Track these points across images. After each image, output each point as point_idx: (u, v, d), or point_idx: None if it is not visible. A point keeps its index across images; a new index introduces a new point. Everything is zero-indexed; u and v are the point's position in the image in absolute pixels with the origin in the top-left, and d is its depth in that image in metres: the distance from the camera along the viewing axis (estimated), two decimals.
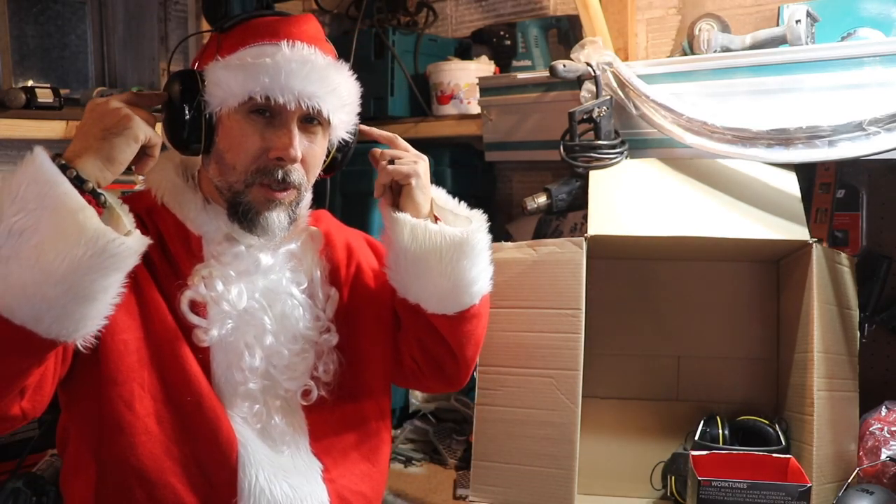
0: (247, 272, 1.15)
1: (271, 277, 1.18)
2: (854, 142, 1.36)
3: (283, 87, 1.09)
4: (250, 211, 1.14)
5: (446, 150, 2.14)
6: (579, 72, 1.60)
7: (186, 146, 1.14)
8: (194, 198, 1.18)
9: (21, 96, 1.73)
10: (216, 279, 1.13)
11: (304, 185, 1.18)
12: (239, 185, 1.14)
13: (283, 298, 1.18)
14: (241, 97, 1.10)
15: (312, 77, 1.12)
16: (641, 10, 1.90)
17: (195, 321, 1.11)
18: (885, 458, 1.36)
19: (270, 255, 1.18)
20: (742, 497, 1.24)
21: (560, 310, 1.43)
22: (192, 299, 1.12)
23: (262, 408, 1.16)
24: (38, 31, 2.09)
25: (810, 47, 1.50)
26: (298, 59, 1.11)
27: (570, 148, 1.59)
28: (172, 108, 1.13)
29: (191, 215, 1.17)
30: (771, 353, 1.57)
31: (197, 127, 1.13)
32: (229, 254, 1.15)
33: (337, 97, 1.16)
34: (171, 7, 2.19)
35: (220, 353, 1.13)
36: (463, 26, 2.30)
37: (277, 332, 1.16)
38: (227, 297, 1.12)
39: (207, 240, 1.17)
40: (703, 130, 1.49)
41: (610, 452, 1.57)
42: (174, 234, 1.16)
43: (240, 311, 1.13)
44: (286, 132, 1.12)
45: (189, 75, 1.15)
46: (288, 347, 1.17)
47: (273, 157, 1.12)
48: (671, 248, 1.55)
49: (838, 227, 1.65)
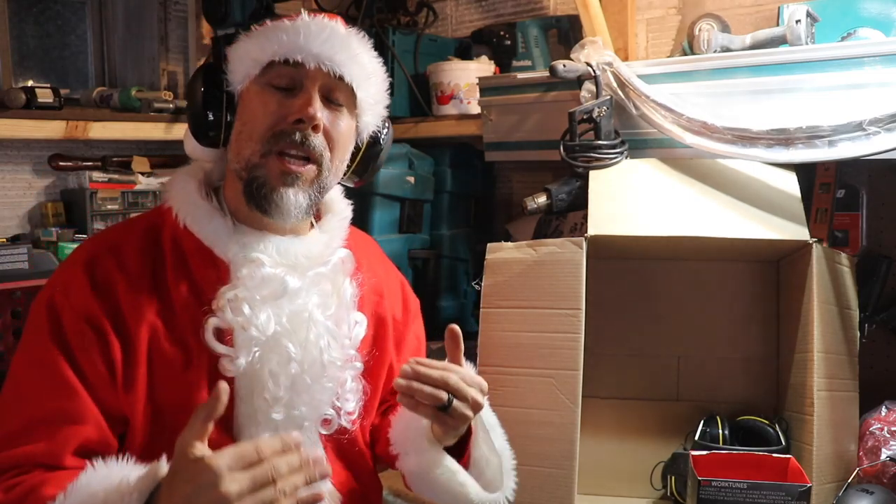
0: (273, 295, 1.08)
1: (297, 302, 1.10)
2: (854, 142, 1.36)
3: (303, 47, 1.07)
4: (265, 186, 1.08)
5: (446, 150, 2.14)
6: (579, 72, 1.60)
7: (210, 136, 1.12)
8: (223, 221, 1.11)
9: (21, 96, 1.74)
10: (243, 303, 1.06)
11: (327, 160, 1.11)
12: (255, 158, 1.08)
13: (309, 325, 1.11)
14: (262, 62, 1.09)
15: (333, 41, 1.09)
16: (641, 10, 1.90)
17: (222, 350, 1.05)
18: (885, 457, 1.36)
19: (298, 277, 1.11)
20: (742, 497, 1.24)
21: (560, 310, 1.43)
22: (218, 326, 1.05)
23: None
24: (38, 31, 2.09)
25: (810, 47, 1.50)
26: (318, 23, 1.10)
27: (570, 148, 1.59)
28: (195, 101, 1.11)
29: (219, 241, 1.10)
30: (771, 353, 1.57)
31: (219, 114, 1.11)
32: (256, 277, 1.08)
33: (359, 66, 1.11)
34: (171, 7, 2.19)
35: (245, 382, 1.07)
36: (463, 26, 2.31)
37: (302, 359, 1.09)
38: (255, 322, 1.05)
39: (235, 263, 1.09)
40: (703, 130, 1.49)
41: (610, 452, 1.57)
42: (200, 260, 1.10)
43: (268, 337, 1.06)
44: (305, 97, 1.08)
45: (213, 65, 1.13)
46: (311, 375, 1.10)
47: (291, 121, 1.07)
48: (671, 248, 1.55)
49: (838, 227, 1.65)
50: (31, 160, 2.01)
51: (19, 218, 2.01)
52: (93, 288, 1.05)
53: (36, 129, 1.78)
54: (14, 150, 1.98)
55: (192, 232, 1.10)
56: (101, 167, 2.07)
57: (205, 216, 1.11)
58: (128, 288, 1.06)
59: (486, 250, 1.53)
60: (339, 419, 1.15)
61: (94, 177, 2.02)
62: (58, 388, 1.02)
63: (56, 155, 2.02)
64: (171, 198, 1.13)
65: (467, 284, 2.12)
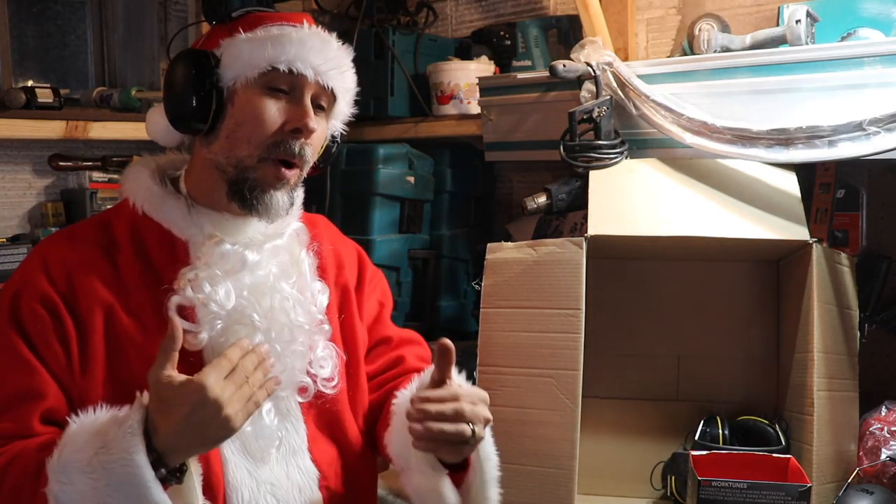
0: (233, 270, 1.14)
1: (258, 273, 1.16)
2: (854, 142, 1.36)
3: (305, 59, 1.13)
4: (256, 188, 1.13)
5: (446, 150, 2.14)
6: (579, 72, 1.60)
7: (191, 125, 1.14)
8: (177, 203, 1.17)
9: (21, 96, 1.74)
10: (203, 281, 1.11)
11: (308, 164, 1.18)
12: (251, 161, 1.13)
13: (272, 293, 1.16)
14: (264, 67, 1.12)
15: (330, 56, 1.16)
16: (641, 10, 1.90)
17: (185, 326, 1.08)
18: (885, 458, 1.36)
19: (256, 251, 1.17)
20: (742, 497, 1.24)
21: (560, 310, 1.43)
22: (180, 304, 1.09)
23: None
24: (38, 31, 2.09)
25: (810, 47, 1.50)
26: (319, 37, 1.17)
27: (570, 148, 1.59)
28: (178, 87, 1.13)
29: (176, 220, 1.16)
30: (771, 353, 1.57)
31: (206, 103, 1.13)
32: (215, 254, 1.13)
33: (344, 81, 1.20)
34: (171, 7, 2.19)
35: (212, 356, 1.10)
36: (463, 26, 2.31)
37: (268, 328, 1.14)
38: (214, 297, 1.10)
39: (193, 243, 1.15)
40: (703, 130, 1.49)
41: (610, 452, 1.57)
42: (158, 242, 1.15)
43: (228, 310, 1.11)
44: (302, 106, 1.14)
45: (198, 52, 1.15)
46: (280, 342, 1.14)
47: (289, 130, 1.13)
48: (671, 248, 1.55)
49: (838, 227, 1.65)
50: (30, 160, 2.01)
51: (19, 218, 2.01)
52: (47, 274, 1.10)
53: (36, 129, 1.78)
54: (14, 150, 1.98)
55: (150, 217, 1.16)
56: (101, 167, 2.07)
57: (161, 201, 1.17)
58: (81, 273, 1.11)
59: (486, 250, 1.53)
60: (317, 385, 1.18)
61: (94, 177, 2.02)
62: (18, 369, 1.07)
63: (56, 155, 2.02)
64: (127, 189, 1.19)
65: (467, 284, 2.12)
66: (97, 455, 0.95)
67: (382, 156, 1.98)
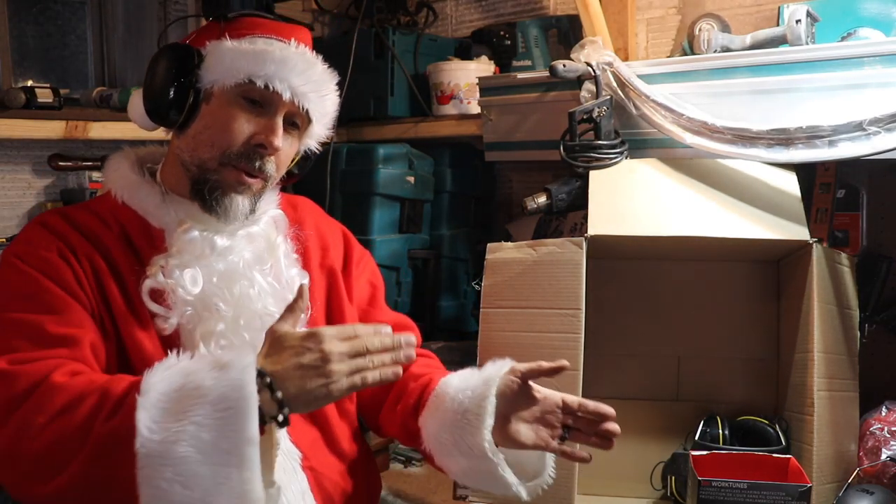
0: (203, 255, 1.16)
1: (230, 259, 1.17)
2: (854, 142, 1.36)
3: (284, 79, 1.14)
4: (217, 190, 1.16)
5: (446, 150, 2.14)
6: (579, 72, 1.60)
7: (166, 117, 1.16)
8: (151, 191, 1.19)
9: (21, 96, 1.73)
10: (173, 267, 1.13)
11: (273, 178, 1.20)
12: (212, 164, 1.16)
13: (242, 281, 1.17)
14: (242, 78, 1.14)
15: (312, 79, 1.18)
16: (641, 10, 1.90)
17: (155, 309, 1.12)
18: (885, 458, 1.36)
19: (227, 237, 1.19)
20: (742, 497, 1.24)
21: (560, 310, 1.43)
22: (153, 288, 1.12)
23: None
24: (38, 31, 2.09)
25: (810, 47, 1.50)
26: (304, 59, 1.18)
27: (570, 148, 1.59)
28: (161, 77, 1.15)
29: (150, 209, 1.18)
30: (771, 353, 1.57)
31: (182, 99, 1.15)
32: (184, 239, 1.15)
33: (323, 105, 1.22)
34: (171, 7, 2.19)
35: (186, 342, 1.13)
36: (463, 26, 2.31)
37: (236, 316, 1.15)
38: (182, 283, 1.12)
39: (168, 231, 1.17)
40: (703, 130, 1.49)
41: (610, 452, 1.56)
42: (137, 230, 1.18)
43: (196, 296, 1.13)
44: (273, 123, 1.16)
45: (184, 48, 1.17)
46: (249, 330, 1.15)
47: (254, 144, 1.15)
48: (671, 248, 1.55)
49: (838, 227, 1.65)
50: (30, 160, 2.01)
51: (19, 218, 2.00)
52: (51, 233, 1.13)
53: (35, 129, 1.78)
54: (14, 150, 1.98)
55: (128, 205, 1.19)
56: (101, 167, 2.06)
57: (138, 188, 1.20)
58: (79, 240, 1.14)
59: (486, 250, 1.53)
60: None
61: (94, 177, 2.02)
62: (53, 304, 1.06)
63: (56, 155, 2.01)
64: (108, 179, 1.22)
65: (467, 284, 2.12)
66: (211, 372, 0.93)
67: (382, 156, 1.98)
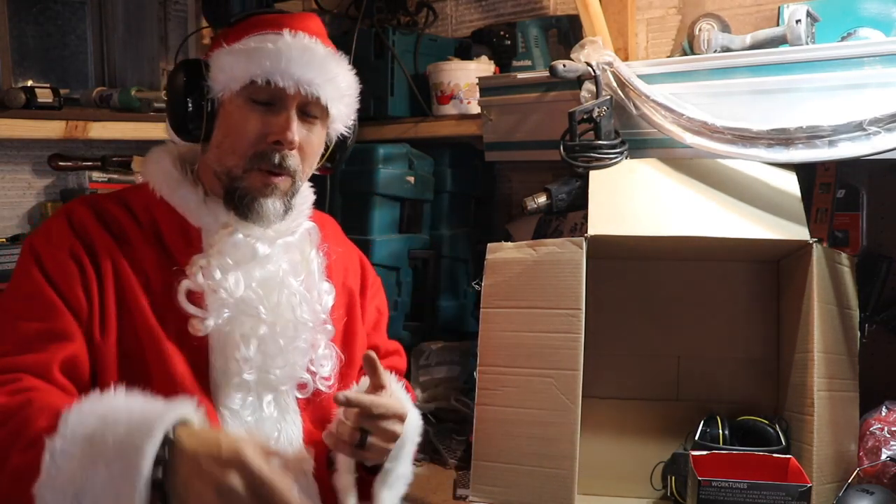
0: (244, 260, 1.16)
1: (268, 267, 1.18)
2: (854, 142, 1.36)
3: (284, 71, 1.13)
4: (246, 196, 1.16)
5: (446, 150, 2.14)
6: (579, 72, 1.60)
7: (188, 131, 1.18)
8: (194, 190, 1.20)
9: (21, 96, 1.74)
10: (214, 268, 1.13)
11: (300, 173, 1.20)
12: (237, 171, 1.16)
13: (280, 288, 1.18)
14: (243, 80, 1.14)
15: (312, 64, 1.16)
16: (641, 10, 1.90)
17: (192, 311, 1.11)
18: (885, 458, 1.36)
19: (268, 244, 1.19)
20: (742, 497, 1.24)
21: (560, 310, 1.43)
22: (190, 289, 1.12)
23: (255, 399, 1.17)
24: (38, 31, 2.09)
25: (810, 47, 1.50)
26: (299, 46, 1.16)
27: (570, 148, 1.59)
28: (176, 94, 1.17)
29: (190, 207, 1.18)
30: (771, 353, 1.57)
31: (199, 112, 1.16)
32: (227, 243, 1.16)
33: (335, 87, 1.19)
34: (171, 7, 2.19)
35: (217, 343, 1.14)
36: (463, 26, 2.30)
37: (273, 321, 1.16)
38: (224, 285, 1.12)
39: (206, 231, 1.18)
40: (703, 130, 1.49)
41: (610, 452, 1.57)
42: (173, 227, 1.17)
43: (237, 299, 1.13)
44: (285, 117, 1.15)
45: (193, 63, 1.19)
46: (284, 337, 1.17)
47: (271, 142, 1.15)
48: (671, 248, 1.55)
49: (838, 227, 1.65)
50: (30, 160, 2.01)
51: (19, 218, 2.01)
52: (71, 229, 1.13)
53: (35, 129, 1.78)
54: (14, 150, 1.98)
55: (166, 201, 1.19)
56: (101, 167, 2.07)
57: (179, 187, 1.20)
58: (103, 237, 1.14)
59: (486, 250, 1.53)
60: (315, 383, 1.21)
61: (94, 177, 2.02)
62: (45, 311, 1.07)
63: (56, 155, 2.01)
64: (147, 172, 1.22)
65: (467, 284, 2.12)
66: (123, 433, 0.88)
67: (382, 156, 1.98)
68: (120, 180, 2.06)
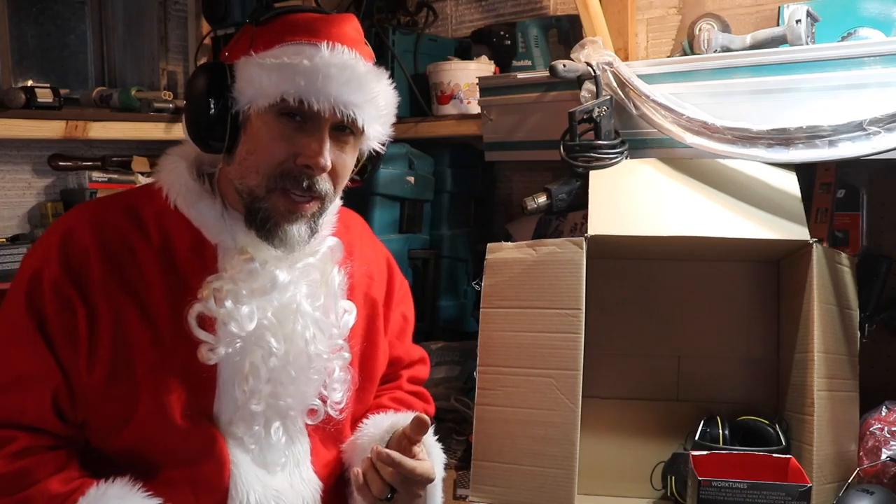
0: (261, 290, 1.08)
1: (286, 295, 1.11)
2: (854, 142, 1.36)
3: (320, 91, 1.03)
4: (269, 220, 1.07)
5: (446, 150, 2.14)
6: (579, 72, 1.60)
7: (207, 143, 1.07)
8: (212, 203, 1.11)
9: (21, 96, 1.73)
10: (227, 296, 1.05)
11: (331, 196, 1.11)
12: (260, 191, 1.07)
13: (296, 317, 1.11)
14: (273, 98, 1.03)
15: (352, 84, 1.05)
16: (641, 10, 1.90)
17: (203, 337, 1.05)
18: (885, 458, 1.36)
19: (287, 271, 1.11)
20: (742, 497, 1.23)
21: (560, 310, 1.43)
22: (201, 313, 1.05)
23: (261, 429, 1.12)
24: (38, 31, 2.09)
25: (810, 47, 1.50)
26: (338, 63, 1.05)
27: (570, 148, 1.59)
28: (196, 101, 1.06)
29: (208, 222, 1.10)
30: (771, 353, 1.57)
31: (222, 123, 1.05)
32: (244, 270, 1.07)
33: (374, 107, 1.09)
34: (171, 7, 2.19)
35: (226, 371, 1.08)
36: (463, 26, 2.31)
37: (286, 353, 1.10)
38: (235, 316, 1.05)
39: (223, 249, 1.10)
40: (703, 130, 1.49)
41: (610, 452, 1.57)
42: (186, 243, 1.10)
43: (248, 332, 1.07)
44: (317, 139, 1.05)
45: (218, 68, 1.07)
46: (296, 367, 1.11)
47: (300, 164, 1.06)
48: (671, 248, 1.55)
49: (838, 227, 1.65)
50: (30, 160, 2.01)
51: (19, 218, 2.00)
52: (65, 259, 1.06)
53: (35, 128, 1.77)
54: (14, 149, 1.98)
55: (181, 213, 1.10)
56: (101, 167, 2.07)
57: (196, 197, 1.11)
58: (102, 262, 1.06)
59: (486, 250, 1.53)
60: (326, 408, 1.16)
61: (94, 177, 2.02)
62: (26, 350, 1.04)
63: (56, 155, 2.01)
64: (163, 178, 1.13)
65: (467, 284, 2.12)
66: None
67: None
68: (120, 180, 2.05)
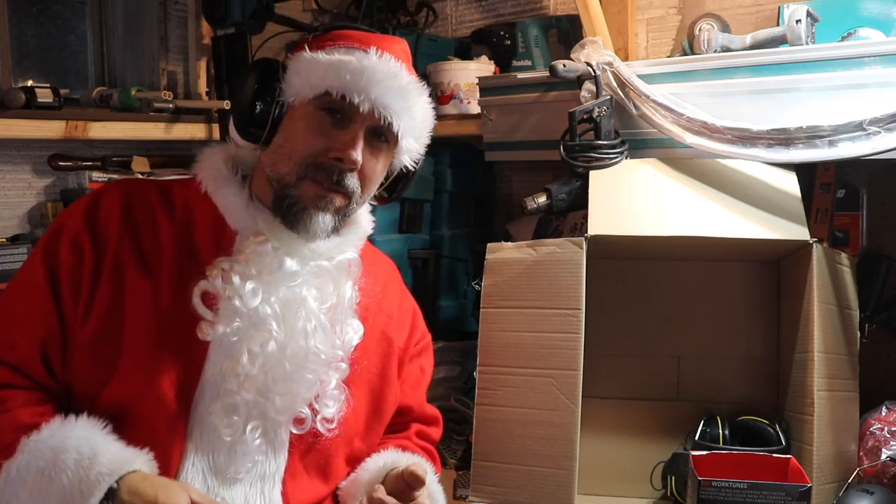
0: (268, 272, 1.10)
1: (294, 288, 1.12)
2: (854, 142, 1.36)
3: (362, 89, 1.09)
4: (296, 205, 1.11)
5: (446, 150, 2.14)
6: (579, 72, 1.60)
7: (248, 131, 1.13)
8: (239, 192, 1.16)
9: (21, 96, 1.73)
10: (235, 274, 1.08)
11: (357, 196, 1.14)
12: (291, 178, 1.11)
13: (300, 312, 1.11)
14: (319, 89, 1.10)
15: (393, 90, 1.11)
16: (641, 10, 1.90)
17: (203, 313, 1.07)
18: (885, 458, 1.36)
19: (298, 262, 1.13)
20: (742, 497, 1.24)
21: (560, 310, 1.43)
22: (206, 291, 1.08)
23: (240, 421, 1.08)
24: (38, 31, 2.09)
25: (810, 47, 1.50)
26: (384, 69, 1.11)
27: (570, 148, 1.59)
28: (247, 93, 1.12)
29: (232, 208, 1.14)
30: (771, 353, 1.57)
31: (265, 113, 1.12)
32: (255, 251, 1.11)
33: (410, 118, 1.14)
34: (170, 7, 2.19)
35: (218, 353, 1.08)
36: (463, 26, 2.31)
37: (284, 342, 1.09)
38: (241, 292, 1.07)
39: (241, 236, 1.13)
40: (703, 130, 1.49)
41: (610, 452, 1.57)
42: (207, 224, 1.14)
43: (250, 310, 1.07)
44: (352, 135, 1.11)
45: (271, 62, 1.15)
46: (292, 363, 1.10)
47: (332, 157, 1.10)
48: (671, 248, 1.55)
49: (838, 227, 1.65)
50: (30, 160, 2.01)
51: (19, 218, 2.00)
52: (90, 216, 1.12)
53: (35, 128, 1.77)
54: (14, 149, 1.97)
55: (210, 197, 1.15)
56: (101, 167, 2.06)
57: (225, 184, 1.16)
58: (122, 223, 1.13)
59: (486, 250, 1.53)
60: (314, 422, 1.13)
61: (94, 177, 2.01)
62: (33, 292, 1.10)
63: (56, 155, 2.01)
64: (199, 167, 1.19)
65: (467, 284, 2.12)
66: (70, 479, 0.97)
67: None
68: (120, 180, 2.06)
